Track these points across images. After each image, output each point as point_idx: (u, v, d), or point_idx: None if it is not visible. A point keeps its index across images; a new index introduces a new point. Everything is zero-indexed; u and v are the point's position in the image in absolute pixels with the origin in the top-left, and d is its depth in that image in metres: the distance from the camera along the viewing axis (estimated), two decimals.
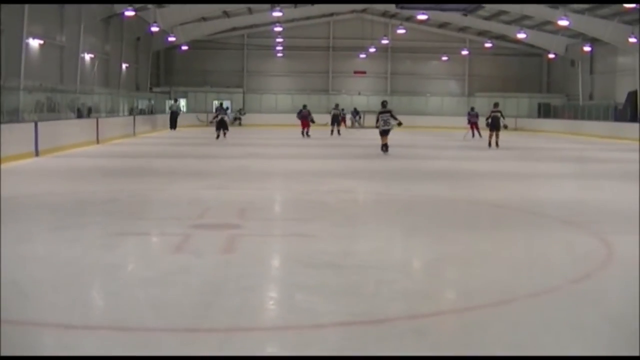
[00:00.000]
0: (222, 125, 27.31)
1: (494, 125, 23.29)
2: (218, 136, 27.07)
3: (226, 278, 5.76)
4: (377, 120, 20.07)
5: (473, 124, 30.21)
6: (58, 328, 4.47)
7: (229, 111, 34.85)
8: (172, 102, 39.69)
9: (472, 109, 31.92)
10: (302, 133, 29.69)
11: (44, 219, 8.71)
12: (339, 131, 32.12)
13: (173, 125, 35.78)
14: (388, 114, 19.76)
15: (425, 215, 9.72)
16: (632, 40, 33.57)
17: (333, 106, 34.38)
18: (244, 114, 44.53)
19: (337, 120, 32.80)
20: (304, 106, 30.79)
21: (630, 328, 4.57)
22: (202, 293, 5.25)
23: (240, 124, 42.80)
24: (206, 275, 5.78)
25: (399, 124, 19.71)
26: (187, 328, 4.48)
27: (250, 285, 5.53)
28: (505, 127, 24.26)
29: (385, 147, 19.88)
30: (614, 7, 32.36)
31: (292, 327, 4.60)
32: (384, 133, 19.77)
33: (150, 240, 7.62)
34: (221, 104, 35.68)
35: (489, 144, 23.61)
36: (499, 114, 23.39)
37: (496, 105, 24.54)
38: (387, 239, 7.75)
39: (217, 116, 27.96)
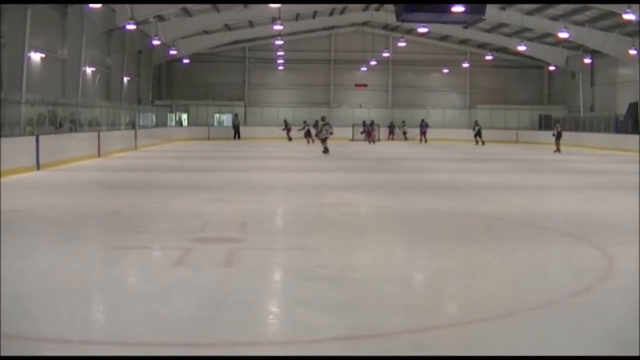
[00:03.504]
0: (308, 135, 37.42)
1: (561, 136, 31.34)
2: (308, 142, 36.73)
3: (226, 292, 5.75)
4: (321, 131, 26.59)
5: (423, 132, 40.86)
6: (57, 343, 4.46)
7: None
8: (234, 116, 44.28)
9: (423, 120, 42.42)
10: (369, 141, 38.74)
11: (45, 233, 8.70)
12: (312, 140, 36.46)
13: (237, 136, 42.23)
14: (328, 125, 26.46)
15: (426, 228, 9.72)
16: (633, 52, 33.60)
17: (313, 122, 38.46)
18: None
19: (310, 133, 38.10)
20: (372, 121, 41.14)
21: (630, 340, 4.56)
22: (202, 307, 5.25)
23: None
24: (206, 289, 5.77)
25: (331, 133, 25.97)
26: (187, 342, 4.48)
27: (250, 299, 5.52)
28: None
29: (326, 150, 25.78)
30: (614, 19, 32.37)
31: (292, 341, 4.59)
32: (324, 140, 26.19)
33: (151, 254, 7.61)
34: (305, 121, 41.38)
35: (555, 150, 30.88)
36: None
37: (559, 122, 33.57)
38: (387, 252, 7.73)
39: (303, 127, 38.52)
